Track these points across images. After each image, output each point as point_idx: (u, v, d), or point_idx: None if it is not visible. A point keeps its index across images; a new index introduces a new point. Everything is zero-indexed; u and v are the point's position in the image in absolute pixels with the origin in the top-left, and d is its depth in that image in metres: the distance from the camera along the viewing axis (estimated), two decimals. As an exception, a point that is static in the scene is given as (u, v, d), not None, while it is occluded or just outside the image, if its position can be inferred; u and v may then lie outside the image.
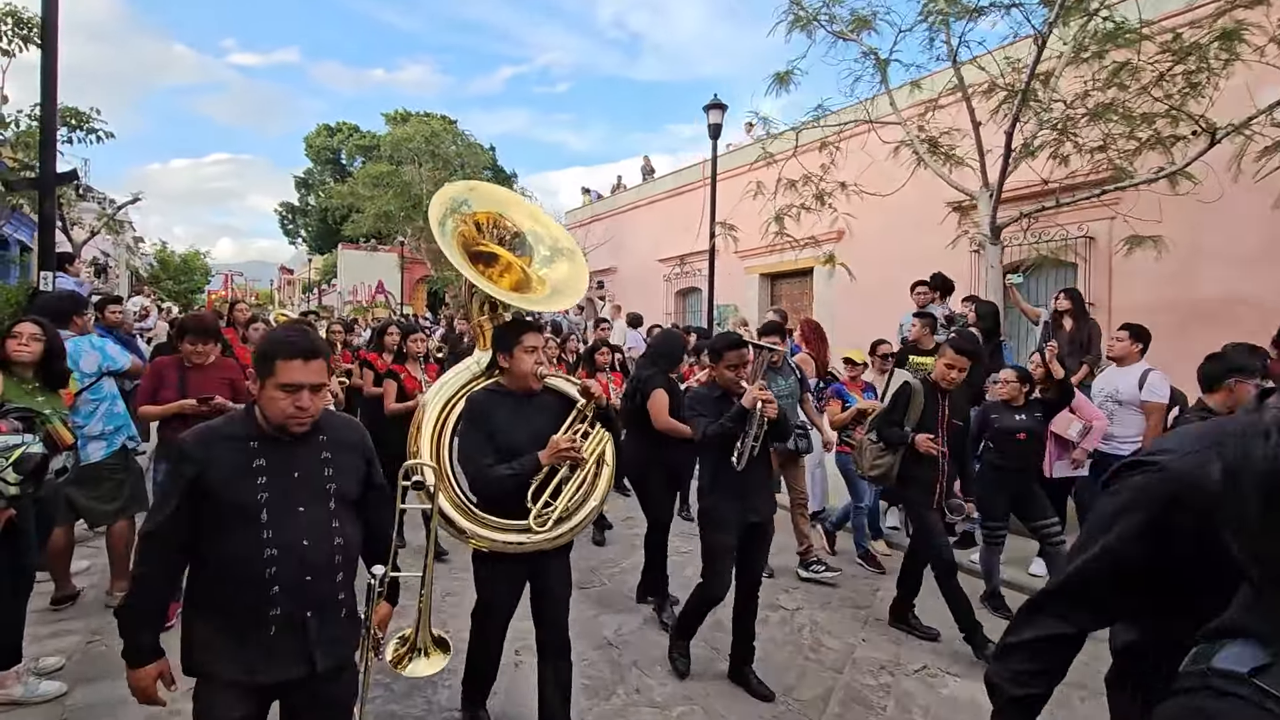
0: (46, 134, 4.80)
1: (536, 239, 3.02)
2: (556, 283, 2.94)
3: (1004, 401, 4.25)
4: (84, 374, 3.59)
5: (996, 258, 6.34)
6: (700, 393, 3.32)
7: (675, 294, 18.02)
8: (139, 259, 28.64)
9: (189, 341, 3.54)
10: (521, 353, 2.48)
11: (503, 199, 3.09)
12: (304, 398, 1.67)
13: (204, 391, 3.45)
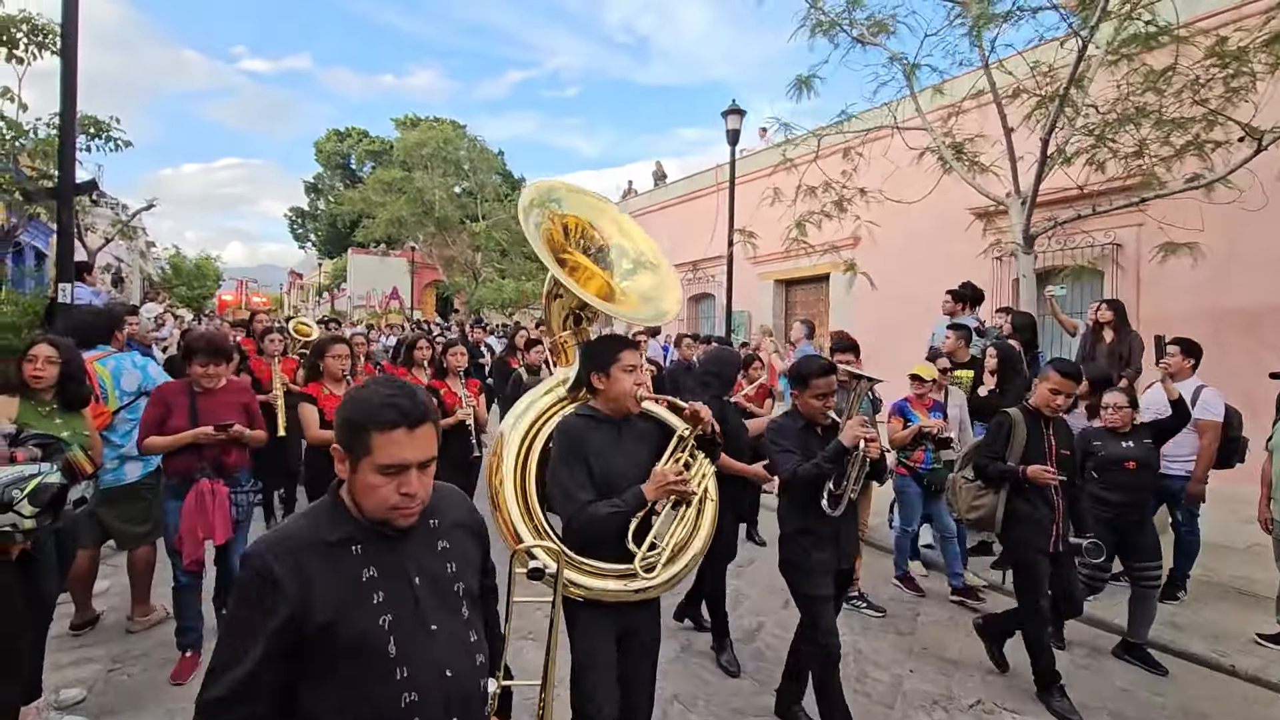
0: (65, 144, 4.71)
1: (621, 253, 2.79)
2: (644, 292, 2.71)
3: (1108, 428, 3.84)
4: (124, 392, 3.50)
5: (1029, 266, 6.18)
6: (783, 424, 2.97)
7: (688, 300, 17.89)
8: (151, 264, 28.74)
9: (199, 363, 3.21)
10: (620, 372, 2.19)
11: (593, 206, 2.84)
12: (412, 481, 1.23)
13: (218, 418, 3.19)
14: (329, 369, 4.07)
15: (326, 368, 4.07)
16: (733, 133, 10.38)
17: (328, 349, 4.10)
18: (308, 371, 4.13)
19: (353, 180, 37.03)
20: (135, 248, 20.76)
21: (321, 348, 4.16)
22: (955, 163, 6.87)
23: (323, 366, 4.08)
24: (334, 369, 4.07)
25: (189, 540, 3.07)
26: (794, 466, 2.77)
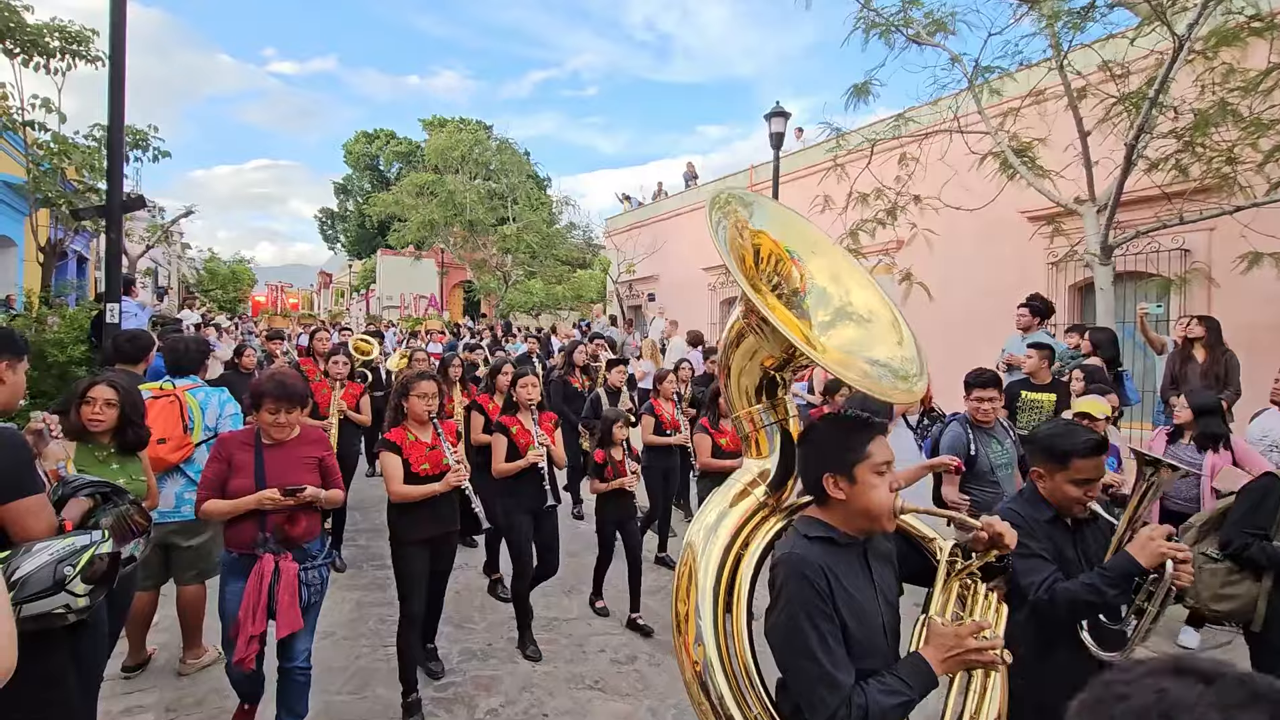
0: (114, 160, 4.60)
1: (822, 301, 1.95)
2: (844, 345, 1.88)
3: None
4: (206, 427, 3.37)
5: (1107, 278, 5.79)
6: (1024, 514, 2.13)
7: (720, 303, 17.57)
8: (186, 266, 29.23)
9: (268, 409, 2.73)
10: (871, 475, 1.53)
11: (807, 236, 2.03)
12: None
13: (289, 479, 2.71)
14: (413, 411, 3.37)
15: (410, 409, 3.37)
16: (776, 135, 10.09)
17: (412, 387, 3.40)
18: (392, 414, 3.45)
19: (381, 181, 37.32)
20: (172, 251, 21.06)
21: (406, 386, 3.47)
22: (1020, 166, 6.49)
23: (406, 408, 3.38)
24: (418, 411, 3.36)
25: (243, 634, 2.58)
26: (1049, 580, 1.95)
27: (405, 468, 3.28)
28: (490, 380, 4.95)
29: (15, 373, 1.99)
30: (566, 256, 20.36)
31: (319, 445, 2.96)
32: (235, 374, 5.95)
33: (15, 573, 1.71)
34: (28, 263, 13.66)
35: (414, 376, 3.50)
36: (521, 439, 3.91)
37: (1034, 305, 5.78)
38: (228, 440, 2.85)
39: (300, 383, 2.93)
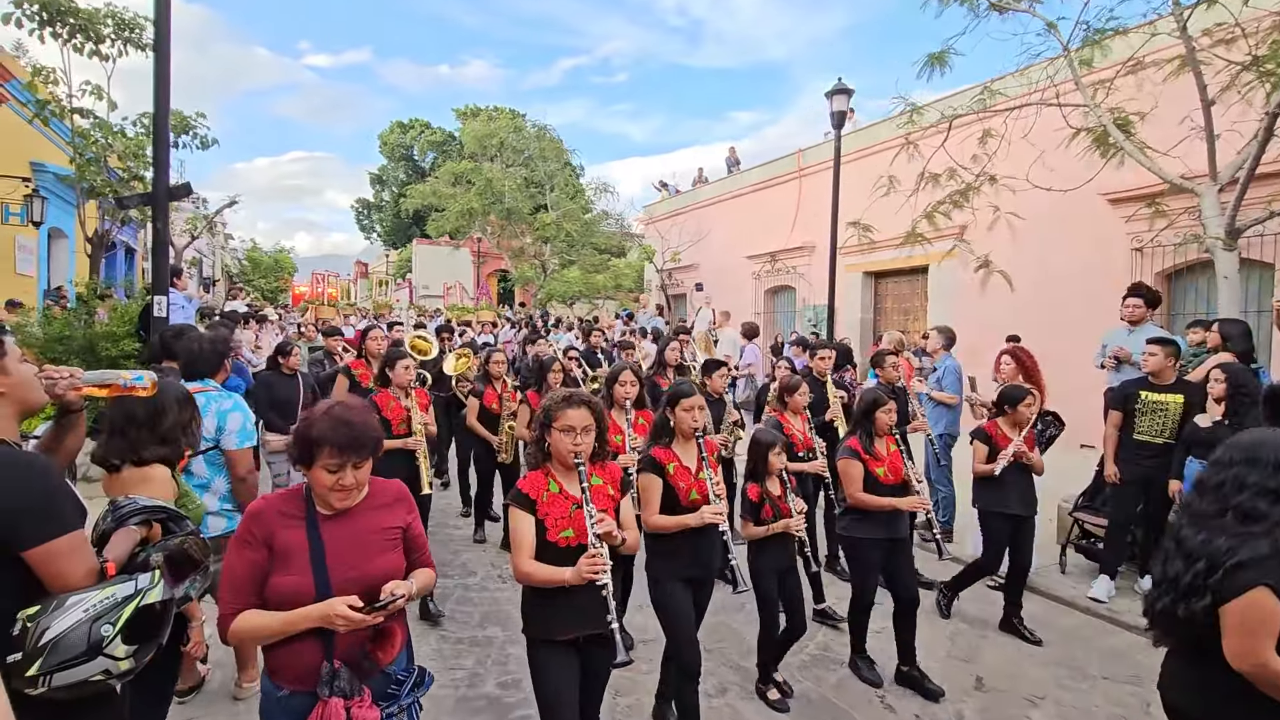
0: (159, 148, 4.36)
1: None
2: None
3: None
4: (205, 437, 3.05)
5: (1232, 265, 5.18)
6: None
7: (765, 292, 17.05)
8: (229, 256, 29.69)
9: (327, 463, 1.72)
10: None
11: None
12: None
13: (364, 567, 1.78)
14: (558, 450, 2.32)
15: (555, 448, 2.33)
16: (838, 114, 9.50)
17: (556, 416, 2.32)
18: (533, 452, 2.44)
19: (416, 171, 37.40)
20: (216, 243, 21.30)
21: (549, 415, 2.35)
22: (1125, 142, 5.87)
23: (549, 444, 2.35)
24: (563, 451, 2.30)
25: None
26: None
27: (538, 532, 2.25)
28: (609, 389, 4.00)
29: (8, 373, 1.63)
30: (604, 245, 19.99)
31: (399, 506, 1.94)
32: (277, 375, 5.33)
33: (44, 635, 1.39)
34: (78, 254, 13.85)
35: (558, 401, 2.34)
36: (681, 480, 2.88)
37: (1146, 295, 5.20)
38: (263, 511, 1.77)
39: (373, 420, 1.85)
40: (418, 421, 4.26)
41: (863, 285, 14.43)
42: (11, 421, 1.64)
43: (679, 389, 3.01)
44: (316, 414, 1.80)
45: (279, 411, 5.12)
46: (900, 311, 14.08)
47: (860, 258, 13.57)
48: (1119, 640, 4.16)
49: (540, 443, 2.38)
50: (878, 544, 3.51)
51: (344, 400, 1.92)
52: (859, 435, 3.60)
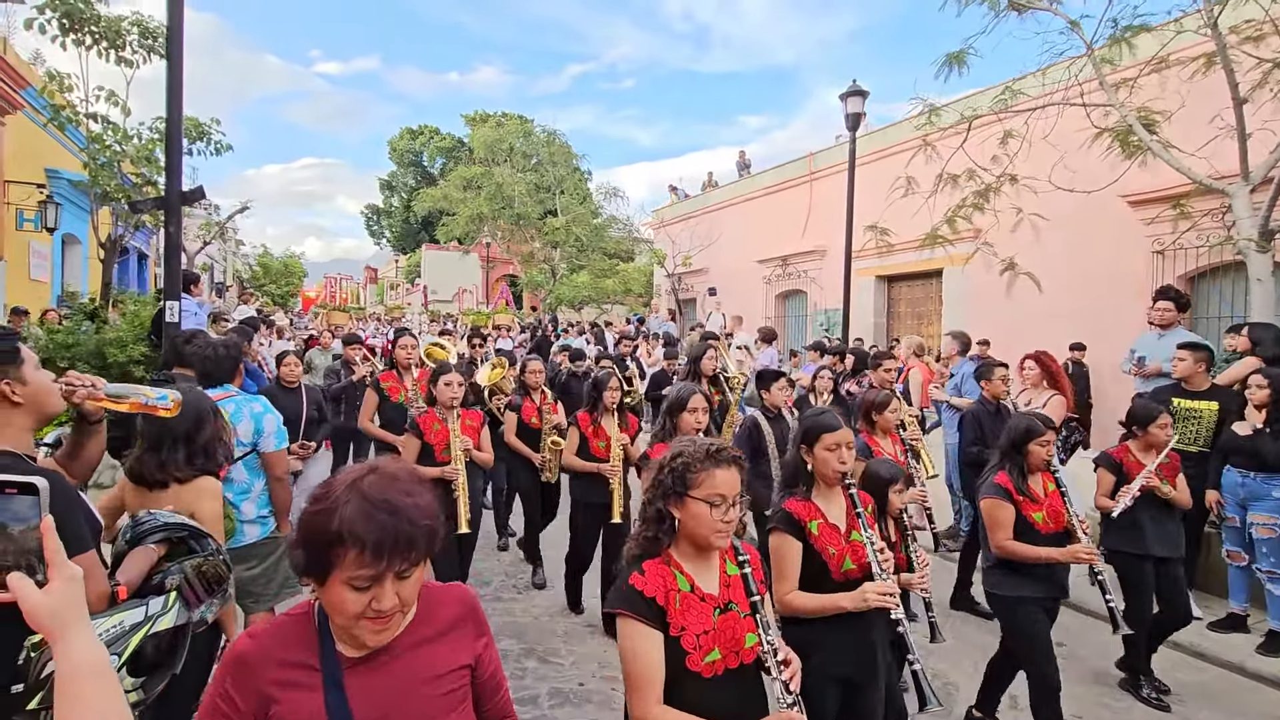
0: (172, 151, 4.32)
1: None
2: None
3: None
4: (239, 442, 2.97)
5: (1265, 268, 5.04)
6: None
7: (776, 296, 16.94)
8: (240, 261, 29.88)
9: (353, 577, 1.03)
10: None
11: None
12: None
13: None
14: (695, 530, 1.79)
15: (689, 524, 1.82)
16: (853, 116, 9.41)
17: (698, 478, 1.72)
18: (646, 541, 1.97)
19: (425, 177, 37.55)
20: (227, 248, 21.43)
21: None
22: (1154, 142, 5.74)
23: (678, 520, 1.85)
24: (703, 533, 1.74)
25: None
26: None
27: (673, 657, 1.54)
28: (596, 396, 4.07)
29: (25, 383, 1.55)
30: (613, 249, 19.96)
31: (464, 629, 1.26)
32: (277, 388, 4.75)
33: (46, 666, 1.29)
34: (91, 260, 13.92)
35: (700, 458, 1.63)
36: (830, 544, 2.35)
37: (1176, 298, 5.07)
38: (252, 661, 1.10)
39: (425, 497, 1.13)
40: (457, 446, 3.71)
41: (875, 289, 14.29)
42: (27, 434, 1.57)
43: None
44: (337, 489, 1.07)
45: None
46: (914, 316, 13.93)
47: (873, 261, 13.43)
48: (1158, 657, 4.02)
49: (660, 520, 1.65)
50: (1038, 604, 2.86)
51: (383, 466, 1.13)
52: (1009, 470, 2.90)
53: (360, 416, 4.76)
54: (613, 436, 4.04)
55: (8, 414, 1.51)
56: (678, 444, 1.72)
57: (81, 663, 0.81)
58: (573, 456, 4.09)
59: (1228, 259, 7.68)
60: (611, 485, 4.00)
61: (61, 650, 0.81)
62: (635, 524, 1.81)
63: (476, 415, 4.04)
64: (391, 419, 4.60)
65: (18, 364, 1.53)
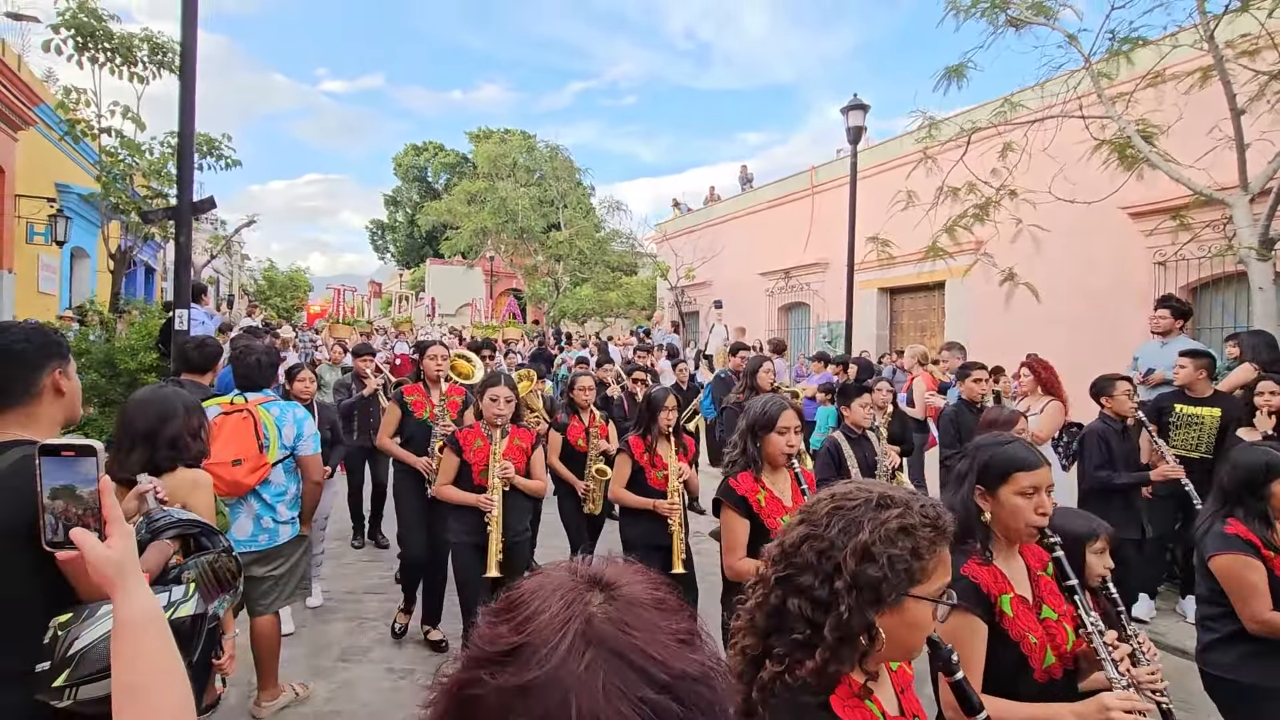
0: (184, 163, 4.40)
1: None
2: None
3: None
4: (282, 445, 3.05)
5: (1266, 276, 5.07)
6: None
7: (779, 309, 17.00)
8: (245, 274, 30.08)
9: None
10: None
11: None
12: None
13: None
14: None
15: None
16: (854, 130, 9.51)
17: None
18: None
19: (430, 192, 37.87)
20: (233, 262, 21.60)
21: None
22: (1152, 154, 5.81)
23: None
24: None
25: None
26: None
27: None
28: (650, 416, 3.47)
29: (70, 378, 1.64)
30: (616, 263, 20.10)
31: None
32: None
33: (73, 645, 1.33)
34: (101, 273, 14.05)
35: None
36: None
37: (1178, 307, 5.10)
38: None
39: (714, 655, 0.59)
40: (495, 470, 3.22)
41: (878, 302, 14.35)
42: (55, 429, 1.63)
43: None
44: (540, 631, 0.54)
45: None
46: (916, 328, 13.96)
47: (875, 274, 13.50)
48: (1170, 666, 4.00)
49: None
50: None
51: (620, 584, 0.60)
52: (1245, 518, 2.16)
53: (380, 433, 4.22)
54: (671, 465, 3.41)
55: (50, 407, 1.58)
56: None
57: (142, 609, 0.87)
58: (623, 489, 3.44)
59: (1229, 269, 7.72)
60: (671, 526, 3.34)
61: (122, 598, 0.86)
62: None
63: (528, 435, 3.49)
64: (414, 436, 4.07)
65: (68, 360, 1.61)
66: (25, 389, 1.55)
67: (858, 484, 1.12)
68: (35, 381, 1.55)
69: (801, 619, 1.02)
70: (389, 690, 3.47)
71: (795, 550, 1.06)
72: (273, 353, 3.39)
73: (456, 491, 3.31)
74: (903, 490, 1.10)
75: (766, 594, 1.08)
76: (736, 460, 2.53)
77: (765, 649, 1.04)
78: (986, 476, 1.67)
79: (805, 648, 1.01)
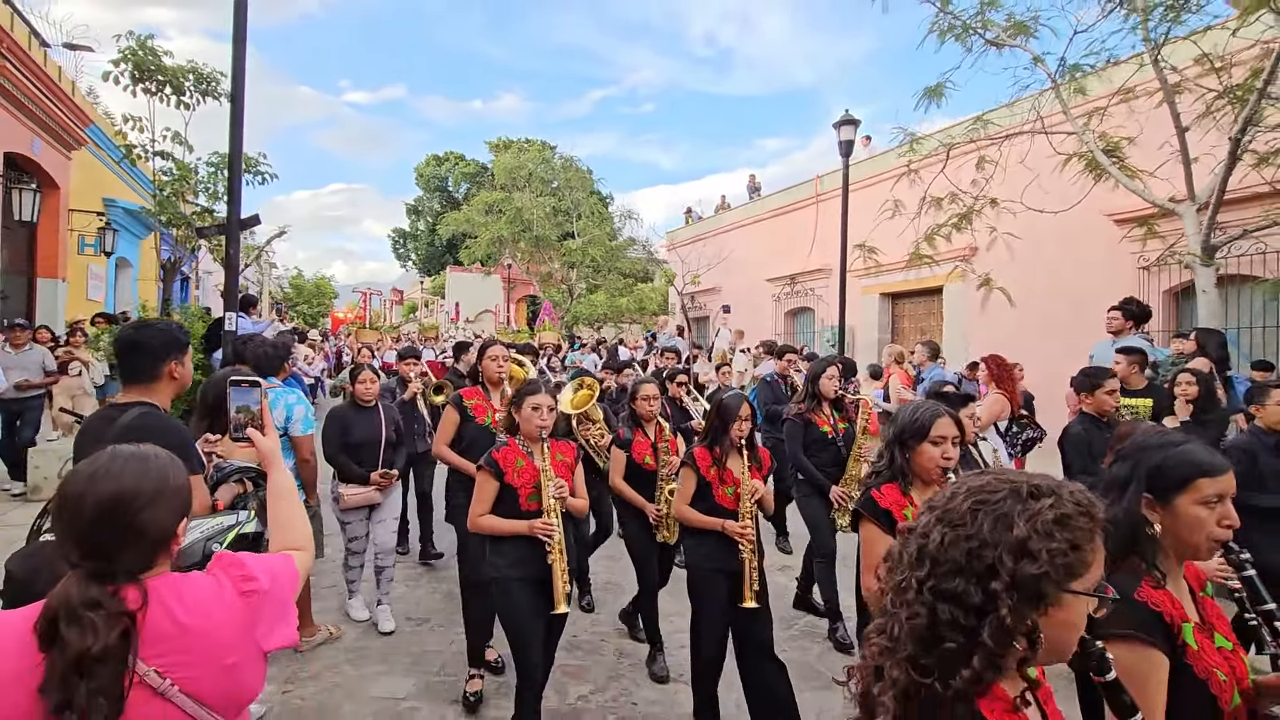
0: (233, 183, 5.06)
1: None
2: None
3: None
4: (275, 426, 3.63)
5: (1210, 279, 5.50)
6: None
7: (785, 314, 17.46)
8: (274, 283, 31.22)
9: None
10: None
11: None
12: None
13: None
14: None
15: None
16: (845, 143, 10.03)
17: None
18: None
19: (450, 201, 38.87)
20: (263, 271, 22.59)
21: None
22: (1110, 166, 6.25)
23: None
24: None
25: None
26: None
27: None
28: (720, 427, 3.13)
29: (185, 366, 2.23)
30: (629, 270, 20.70)
31: None
32: (351, 408, 4.25)
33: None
34: (142, 281, 14.98)
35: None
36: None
37: (1128, 309, 5.54)
38: None
39: None
40: (550, 491, 2.80)
41: (879, 306, 14.77)
42: (169, 400, 2.25)
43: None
44: None
45: (354, 455, 4.08)
46: (917, 331, 14.34)
47: (876, 279, 13.94)
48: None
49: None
50: None
51: None
52: None
53: (436, 439, 3.86)
54: (744, 482, 3.02)
55: (167, 385, 2.18)
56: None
57: (286, 477, 1.56)
58: (687, 507, 3.10)
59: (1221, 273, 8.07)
60: (742, 553, 2.95)
61: (275, 473, 1.55)
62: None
63: (569, 449, 3.11)
64: (476, 441, 3.57)
65: (186, 352, 2.21)
66: (151, 373, 2.15)
67: (993, 474, 1.03)
68: (159, 368, 2.15)
69: (955, 627, 0.93)
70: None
71: (941, 553, 0.96)
72: (282, 348, 3.92)
73: (501, 521, 2.82)
74: (1044, 477, 1.02)
75: (909, 605, 0.98)
76: (882, 472, 2.31)
77: (915, 665, 0.94)
78: (1164, 483, 1.45)
79: (960, 656, 0.93)
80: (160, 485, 1.24)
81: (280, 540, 1.52)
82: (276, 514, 1.55)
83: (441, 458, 3.79)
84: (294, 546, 1.51)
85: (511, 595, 2.80)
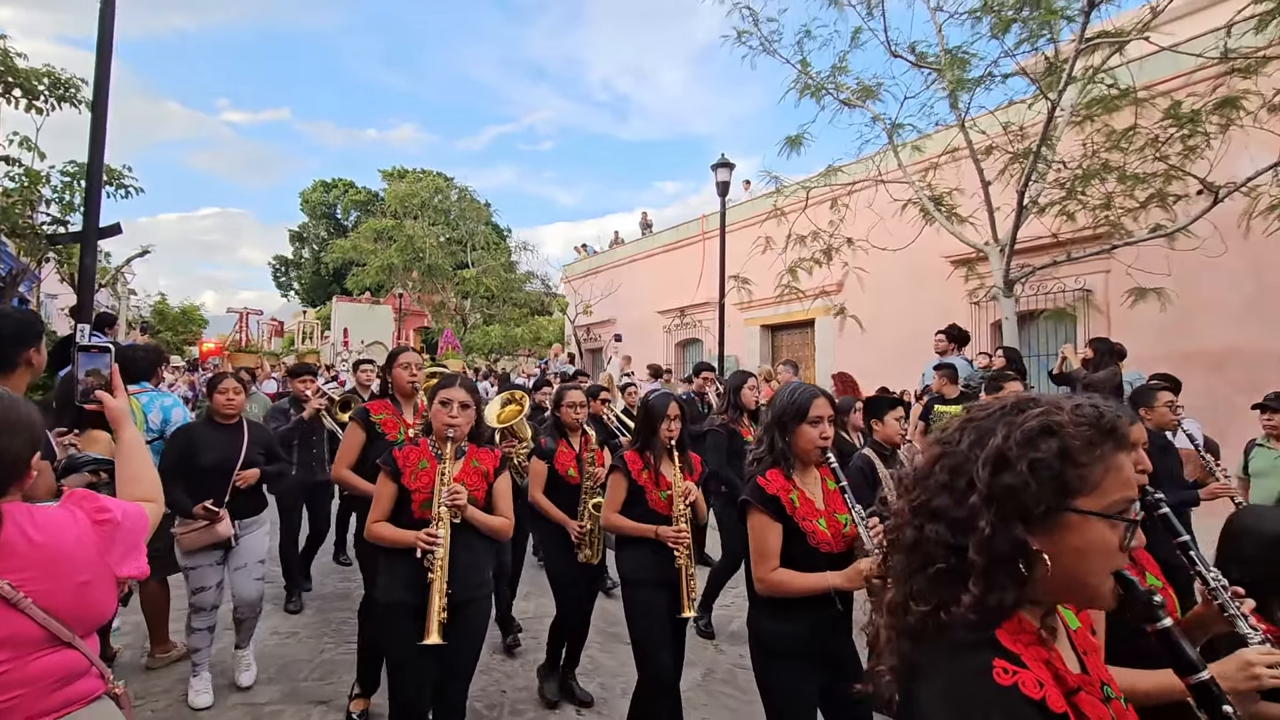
0: (92, 190, 4.87)
1: None
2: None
3: None
4: (149, 428, 3.55)
5: (1010, 309, 6.56)
6: None
7: (675, 345, 18.22)
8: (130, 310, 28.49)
9: None
10: None
11: None
12: None
13: None
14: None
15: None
16: (722, 184, 10.89)
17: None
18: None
19: (338, 229, 37.39)
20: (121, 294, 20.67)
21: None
22: (936, 213, 7.31)
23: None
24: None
25: None
26: None
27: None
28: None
29: (40, 354, 2.23)
30: (524, 302, 20.82)
31: None
32: (207, 423, 3.61)
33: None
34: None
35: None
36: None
37: (950, 333, 6.47)
38: None
39: None
40: (441, 497, 2.44)
41: (760, 337, 15.83)
42: (23, 388, 2.24)
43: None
44: None
45: (198, 481, 3.32)
46: (794, 359, 15.49)
47: (757, 312, 14.97)
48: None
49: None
50: None
51: None
52: None
53: (336, 460, 3.30)
54: (675, 485, 2.88)
55: (23, 373, 2.14)
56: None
57: (134, 434, 1.67)
58: (617, 514, 2.92)
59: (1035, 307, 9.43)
60: (679, 559, 2.79)
61: (123, 430, 1.67)
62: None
63: (490, 457, 2.69)
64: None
65: (40, 340, 2.25)
66: (7, 359, 2.16)
67: (1016, 395, 0.97)
68: (15, 355, 2.16)
69: (941, 545, 0.89)
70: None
71: (928, 473, 0.95)
72: (155, 351, 4.02)
73: (390, 529, 2.47)
74: (1064, 394, 0.96)
75: (900, 528, 0.96)
76: (763, 457, 2.20)
77: (911, 594, 0.91)
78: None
79: (954, 580, 0.88)
80: (11, 417, 1.37)
81: (130, 493, 1.62)
82: (127, 468, 1.65)
83: (342, 481, 3.25)
84: (144, 498, 1.63)
85: (389, 620, 2.42)
